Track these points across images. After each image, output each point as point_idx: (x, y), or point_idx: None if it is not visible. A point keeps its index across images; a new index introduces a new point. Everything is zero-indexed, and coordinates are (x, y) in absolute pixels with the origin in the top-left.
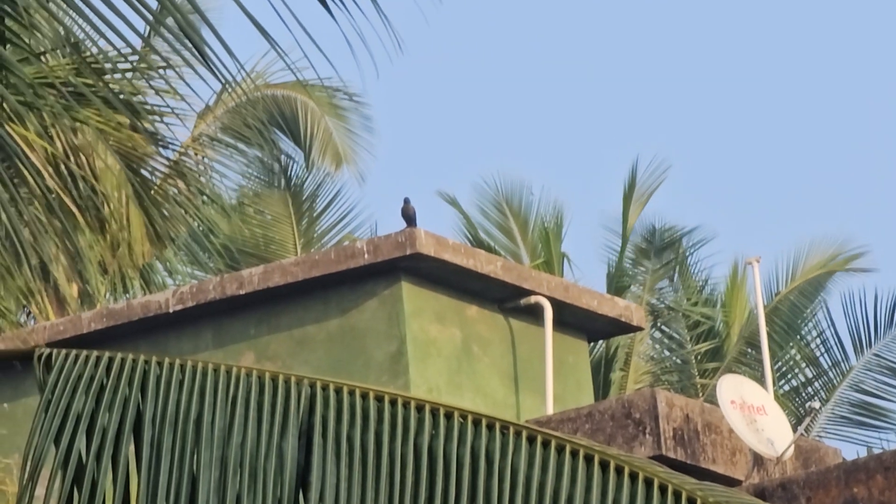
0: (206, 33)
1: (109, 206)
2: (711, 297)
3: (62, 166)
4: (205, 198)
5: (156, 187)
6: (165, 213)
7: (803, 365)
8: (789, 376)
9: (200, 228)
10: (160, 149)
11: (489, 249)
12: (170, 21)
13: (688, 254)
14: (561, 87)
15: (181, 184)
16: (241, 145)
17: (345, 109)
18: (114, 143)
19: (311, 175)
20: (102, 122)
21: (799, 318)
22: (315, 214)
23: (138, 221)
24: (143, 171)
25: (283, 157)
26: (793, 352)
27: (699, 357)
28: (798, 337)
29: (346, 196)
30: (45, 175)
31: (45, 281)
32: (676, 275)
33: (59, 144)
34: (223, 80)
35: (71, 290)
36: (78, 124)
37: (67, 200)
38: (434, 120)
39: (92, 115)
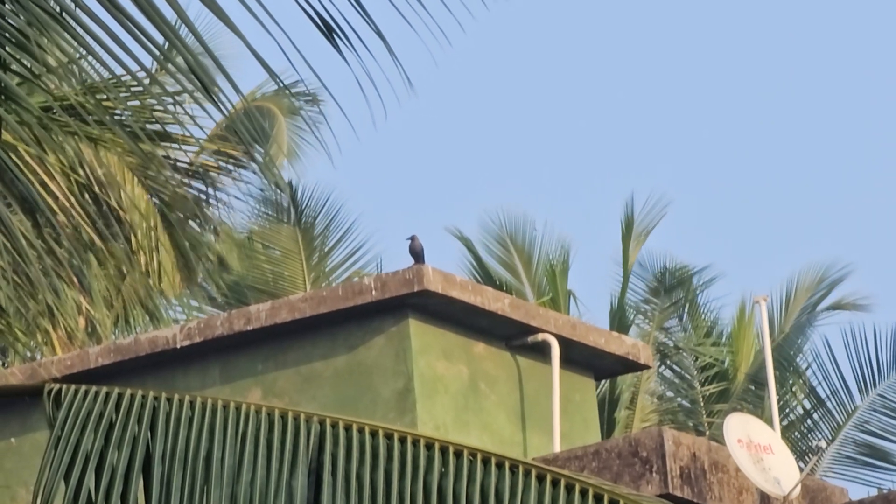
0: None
1: (137, 238)
2: (719, 339)
3: (87, 197)
4: (216, 231)
5: (181, 212)
6: (195, 241)
7: (805, 403)
8: (790, 414)
9: (210, 264)
10: (175, 178)
11: (498, 286)
12: (175, 55)
13: (697, 292)
14: (564, 121)
15: (206, 213)
16: (243, 172)
17: (300, 108)
18: (131, 164)
19: (323, 211)
20: (118, 144)
21: (800, 356)
22: (326, 250)
23: (167, 252)
24: (164, 197)
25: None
26: (798, 393)
27: (707, 397)
28: (799, 375)
29: (356, 232)
30: (68, 205)
31: (53, 315)
32: (685, 313)
33: (81, 173)
34: (227, 114)
35: (78, 325)
36: (101, 153)
37: (90, 231)
38: (434, 155)
39: (109, 137)
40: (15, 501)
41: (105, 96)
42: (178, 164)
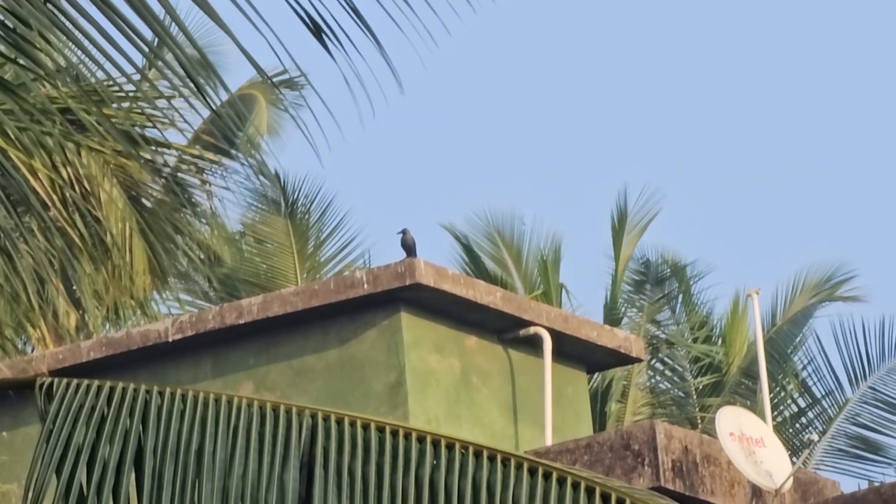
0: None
1: (112, 237)
2: (712, 332)
3: (67, 195)
4: (206, 226)
5: (159, 216)
6: (169, 245)
7: (796, 396)
8: (781, 408)
9: (201, 257)
10: (159, 178)
11: (491, 281)
12: (165, 52)
13: (689, 286)
14: (553, 115)
15: (187, 213)
16: (229, 164)
17: (281, 92)
18: (114, 168)
19: (314, 204)
20: (102, 148)
21: (792, 349)
22: (317, 243)
23: (141, 254)
24: (145, 201)
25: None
26: (789, 386)
27: (699, 390)
28: (791, 369)
29: (348, 225)
30: (49, 204)
31: (43, 309)
32: (678, 306)
33: (63, 173)
34: (216, 111)
35: (69, 319)
36: (82, 154)
37: (70, 231)
38: (423, 150)
39: (92, 143)
40: (7, 495)
41: (98, 97)
42: (166, 167)
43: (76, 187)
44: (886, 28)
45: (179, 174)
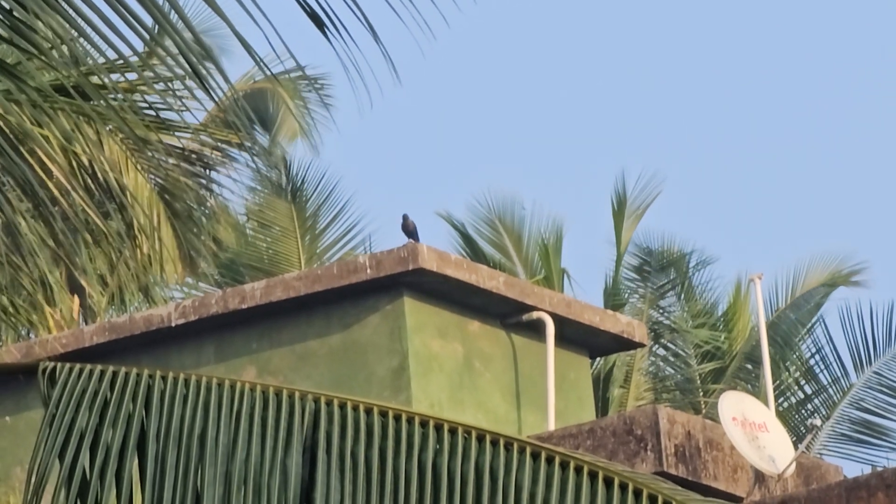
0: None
1: (140, 223)
2: (714, 317)
3: (87, 178)
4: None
5: (184, 198)
6: (196, 230)
7: (802, 382)
8: (788, 393)
9: (204, 240)
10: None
11: (491, 267)
12: (165, 39)
13: (690, 273)
14: (556, 101)
15: (209, 198)
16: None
17: (306, 92)
18: (131, 148)
19: (317, 189)
20: (119, 129)
21: (797, 335)
22: (321, 228)
23: (171, 242)
24: (164, 182)
25: (274, 159)
26: (792, 369)
27: (702, 375)
28: (795, 354)
29: (351, 210)
30: (69, 186)
31: (47, 295)
32: (681, 292)
33: (84, 159)
34: (218, 100)
35: (72, 303)
36: (103, 141)
37: (92, 214)
38: (424, 137)
39: (103, 113)
40: (10, 479)
41: (101, 80)
42: (175, 149)
43: (96, 169)
44: (890, 17)
45: (184, 164)
